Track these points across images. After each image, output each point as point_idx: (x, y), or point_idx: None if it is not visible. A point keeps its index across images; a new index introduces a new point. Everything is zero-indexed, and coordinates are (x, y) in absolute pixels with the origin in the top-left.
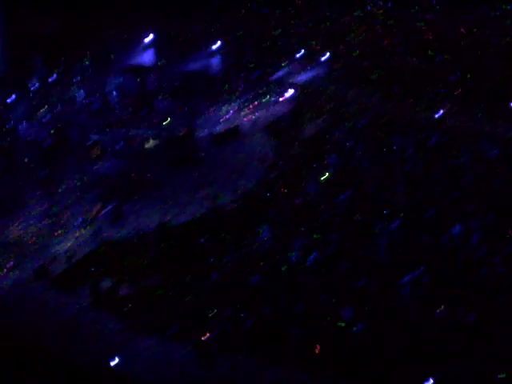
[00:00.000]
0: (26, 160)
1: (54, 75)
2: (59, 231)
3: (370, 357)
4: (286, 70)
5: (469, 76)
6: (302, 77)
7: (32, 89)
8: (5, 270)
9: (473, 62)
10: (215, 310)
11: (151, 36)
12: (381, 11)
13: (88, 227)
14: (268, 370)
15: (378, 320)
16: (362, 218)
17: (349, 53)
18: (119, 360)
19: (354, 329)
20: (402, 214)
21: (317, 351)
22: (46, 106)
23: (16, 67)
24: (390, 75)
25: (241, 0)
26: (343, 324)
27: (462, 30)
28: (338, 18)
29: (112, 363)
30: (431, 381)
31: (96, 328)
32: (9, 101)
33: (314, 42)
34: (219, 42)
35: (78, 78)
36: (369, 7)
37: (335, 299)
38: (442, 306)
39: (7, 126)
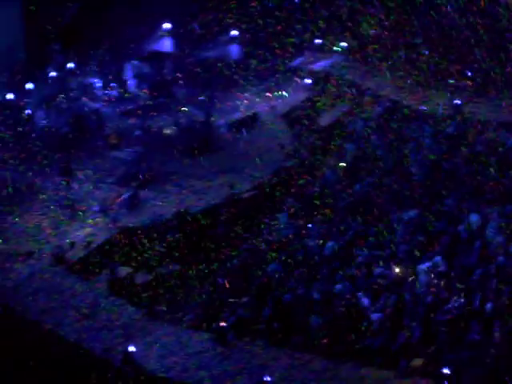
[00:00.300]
0: (42, 147)
1: (71, 63)
2: (76, 219)
3: (387, 346)
4: (302, 59)
5: (484, 67)
6: (318, 66)
7: (49, 76)
8: (22, 257)
9: (488, 52)
10: (232, 298)
11: (168, 24)
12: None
13: (105, 215)
14: (285, 358)
15: (394, 309)
16: (378, 207)
17: (364, 43)
18: (135, 348)
19: (371, 317)
20: (418, 203)
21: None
22: (63, 94)
23: (33, 55)
24: (405, 66)
25: None
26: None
27: (475, 21)
28: (353, 9)
29: (127, 350)
30: (447, 370)
31: (112, 315)
32: (26, 88)
33: (329, 33)
34: (235, 31)
35: (95, 65)
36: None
37: (352, 288)
38: (457, 296)
39: (24, 114)
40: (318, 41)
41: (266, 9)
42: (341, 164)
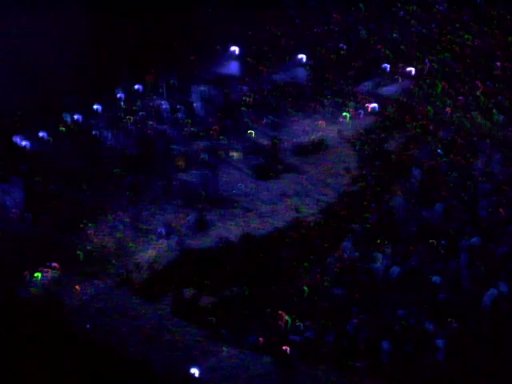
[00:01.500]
0: (109, 169)
1: (139, 85)
2: (141, 240)
3: (452, 371)
4: (369, 83)
5: None
6: (386, 90)
7: (116, 98)
8: (87, 278)
9: None
10: (296, 322)
11: (236, 47)
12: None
13: (170, 236)
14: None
15: (459, 334)
16: (444, 233)
17: (431, 70)
18: (198, 369)
19: (436, 343)
20: (483, 229)
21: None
22: (130, 116)
23: (100, 76)
24: (471, 93)
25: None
26: None
27: None
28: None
29: (191, 371)
30: None
31: (176, 337)
32: (93, 109)
33: (397, 58)
34: (302, 55)
35: (164, 88)
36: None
37: (418, 313)
38: None
39: (93, 134)
40: (385, 65)
41: (332, 32)
42: (408, 189)
